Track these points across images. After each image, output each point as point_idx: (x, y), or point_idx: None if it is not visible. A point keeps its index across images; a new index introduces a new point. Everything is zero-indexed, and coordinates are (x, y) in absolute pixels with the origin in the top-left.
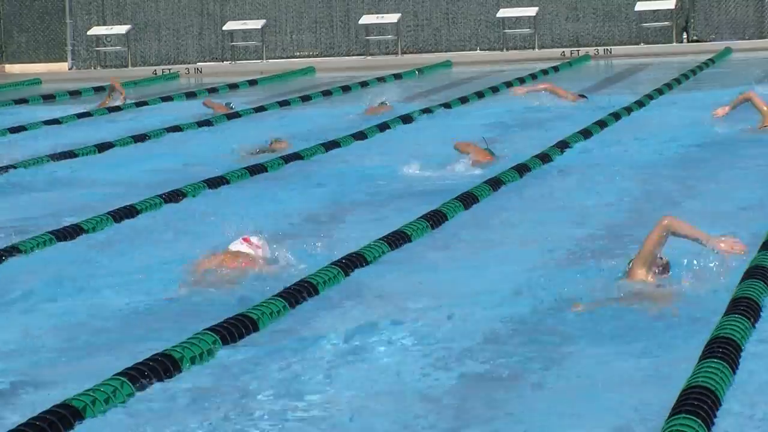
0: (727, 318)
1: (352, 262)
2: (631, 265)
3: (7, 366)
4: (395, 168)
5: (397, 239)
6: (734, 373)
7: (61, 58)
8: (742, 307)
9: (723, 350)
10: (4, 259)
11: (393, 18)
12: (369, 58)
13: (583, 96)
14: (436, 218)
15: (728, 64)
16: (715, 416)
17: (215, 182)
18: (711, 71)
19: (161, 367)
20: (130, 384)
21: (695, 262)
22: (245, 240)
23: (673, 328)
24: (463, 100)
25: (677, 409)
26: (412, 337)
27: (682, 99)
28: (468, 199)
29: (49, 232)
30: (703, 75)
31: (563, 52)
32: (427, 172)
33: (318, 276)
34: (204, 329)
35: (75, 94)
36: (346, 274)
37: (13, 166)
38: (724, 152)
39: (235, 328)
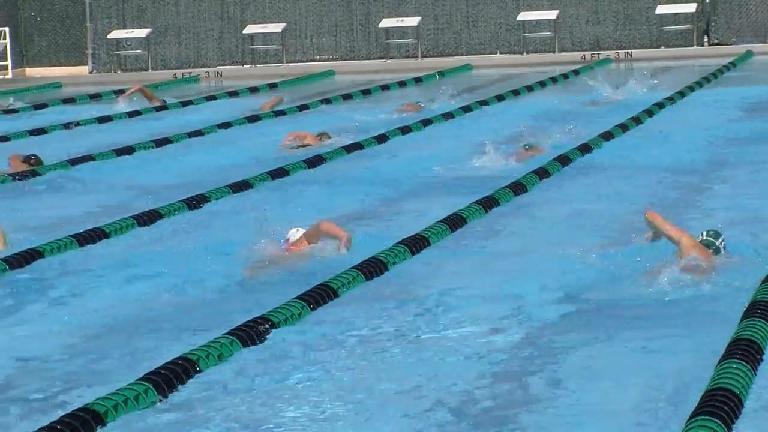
0: (748, 320)
1: (373, 267)
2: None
3: (56, 361)
4: (426, 167)
5: (456, 222)
6: (755, 374)
7: (82, 62)
8: (762, 310)
9: (744, 352)
10: (31, 259)
11: (413, 21)
12: (389, 61)
13: None
14: (456, 221)
15: (750, 67)
16: (737, 418)
17: (239, 186)
18: (732, 74)
19: (182, 370)
20: (154, 390)
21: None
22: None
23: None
24: (483, 103)
25: (698, 411)
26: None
27: (703, 102)
28: (488, 203)
29: (92, 229)
30: (725, 78)
31: (584, 55)
32: (455, 172)
33: (336, 280)
34: (224, 333)
35: (95, 97)
36: (378, 273)
37: (34, 169)
38: (748, 153)
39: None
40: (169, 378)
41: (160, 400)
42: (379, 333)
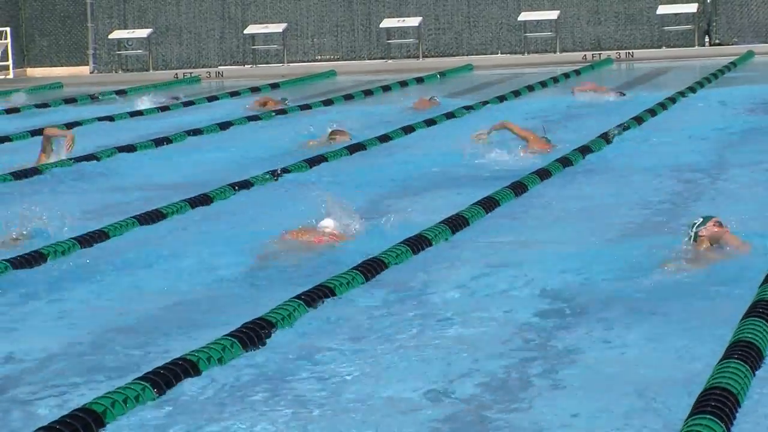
0: (747, 320)
1: (373, 266)
2: None
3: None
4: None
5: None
6: (754, 375)
7: (83, 62)
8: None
9: (743, 352)
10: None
11: (414, 21)
12: (390, 61)
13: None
14: (457, 222)
15: (751, 68)
16: (735, 418)
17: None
18: (733, 74)
19: (182, 371)
20: (152, 389)
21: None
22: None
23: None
24: (485, 103)
25: (697, 410)
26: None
27: (705, 102)
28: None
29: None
30: (726, 78)
31: (585, 55)
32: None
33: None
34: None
35: (96, 97)
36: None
37: (37, 169)
38: (751, 153)
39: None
40: (168, 377)
41: (156, 395)
42: (394, 325)
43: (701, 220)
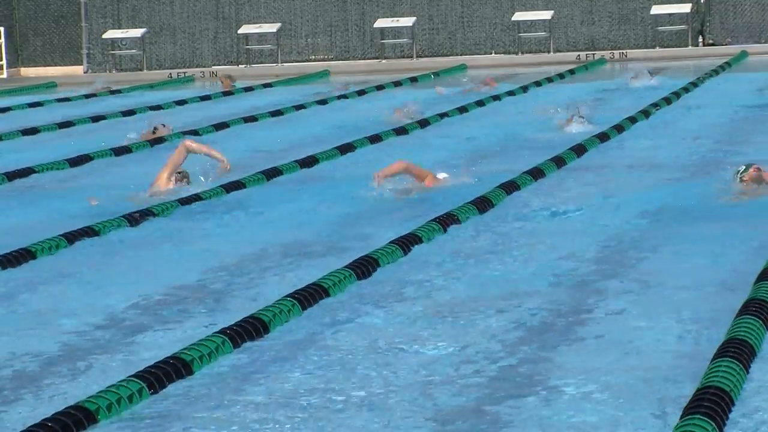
0: (740, 319)
1: (363, 266)
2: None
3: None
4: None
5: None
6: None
7: (77, 62)
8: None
9: (736, 350)
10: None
11: (408, 21)
12: (384, 61)
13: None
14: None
15: (744, 68)
16: (728, 417)
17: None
18: (727, 75)
19: (174, 369)
20: (143, 385)
21: None
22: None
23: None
24: (480, 103)
25: (690, 410)
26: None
27: (698, 102)
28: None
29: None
30: (719, 78)
31: (578, 55)
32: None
33: (328, 279)
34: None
35: (90, 97)
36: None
37: (30, 169)
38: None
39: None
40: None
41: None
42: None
43: (744, 167)
